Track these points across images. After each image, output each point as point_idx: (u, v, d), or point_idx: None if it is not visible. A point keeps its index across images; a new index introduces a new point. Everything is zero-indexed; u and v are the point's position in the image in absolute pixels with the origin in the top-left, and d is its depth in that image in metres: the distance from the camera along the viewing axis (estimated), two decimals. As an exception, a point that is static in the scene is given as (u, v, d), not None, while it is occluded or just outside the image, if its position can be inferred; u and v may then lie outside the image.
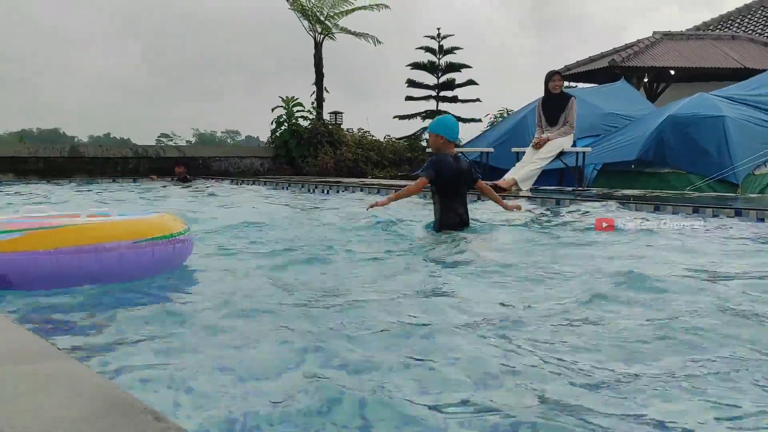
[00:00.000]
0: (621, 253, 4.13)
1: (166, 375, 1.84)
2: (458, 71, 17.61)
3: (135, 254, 2.94)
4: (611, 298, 2.87)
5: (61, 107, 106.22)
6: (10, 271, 2.73)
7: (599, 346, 2.20)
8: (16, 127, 50.96)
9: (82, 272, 2.81)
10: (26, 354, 1.54)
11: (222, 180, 12.51)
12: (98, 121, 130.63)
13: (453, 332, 2.32)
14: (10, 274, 2.74)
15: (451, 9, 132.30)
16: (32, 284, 2.77)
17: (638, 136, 9.96)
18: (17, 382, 1.32)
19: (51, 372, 1.40)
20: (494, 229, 5.18)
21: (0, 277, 2.74)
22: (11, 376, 1.36)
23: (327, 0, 15.35)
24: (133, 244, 2.93)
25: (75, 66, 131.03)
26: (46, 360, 1.49)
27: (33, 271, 2.74)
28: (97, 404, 1.19)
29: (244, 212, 6.77)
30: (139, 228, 3.01)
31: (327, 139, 14.65)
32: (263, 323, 2.46)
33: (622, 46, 17.98)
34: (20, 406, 1.19)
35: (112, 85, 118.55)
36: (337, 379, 1.84)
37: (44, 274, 2.76)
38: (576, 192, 8.27)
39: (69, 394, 1.25)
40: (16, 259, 2.72)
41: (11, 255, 2.72)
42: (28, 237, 2.74)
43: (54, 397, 1.24)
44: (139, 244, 2.94)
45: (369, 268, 3.66)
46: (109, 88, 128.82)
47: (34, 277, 2.76)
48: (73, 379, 1.35)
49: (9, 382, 1.32)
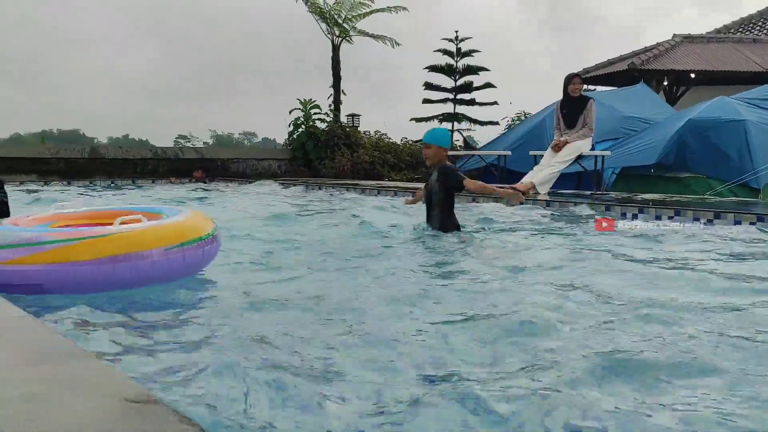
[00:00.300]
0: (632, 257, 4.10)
1: (190, 376, 1.85)
2: (476, 74, 17.55)
3: (167, 260, 2.99)
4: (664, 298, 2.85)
5: (81, 108, 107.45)
6: (46, 281, 2.80)
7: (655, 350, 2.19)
8: (37, 128, 51.59)
9: (115, 280, 2.87)
10: (52, 354, 1.56)
11: (241, 182, 12.57)
12: (117, 123, 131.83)
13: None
14: (46, 284, 2.80)
15: (469, 11, 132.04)
16: (67, 291, 2.82)
17: (658, 140, 9.88)
18: (43, 382, 1.33)
19: (77, 372, 1.41)
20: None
21: (36, 285, 2.80)
22: (37, 376, 1.38)
23: (345, 3, 15.40)
24: (165, 251, 2.98)
25: (94, 67, 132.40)
26: (72, 360, 1.50)
27: (68, 281, 2.81)
28: (123, 405, 1.20)
29: (268, 212, 6.81)
30: (170, 234, 3.05)
31: (344, 141, 14.68)
32: (287, 324, 2.48)
33: (641, 49, 17.85)
34: (46, 406, 1.20)
35: (130, 87, 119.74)
36: (364, 382, 1.84)
37: (79, 283, 2.82)
38: (594, 196, 8.22)
39: (95, 395, 1.26)
40: (53, 270, 2.78)
41: (48, 266, 2.78)
42: (64, 249, 2.79)
43: (80, 397, 1.25)
44: (170, 251, 2.99)
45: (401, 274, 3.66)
46: (128, 90, 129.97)
47: (69, 286, 2.82)
48: (99, 380, 1.37)
49: (35, 382, 1.33)
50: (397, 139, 16.21)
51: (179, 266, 3.06)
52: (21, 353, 1.57)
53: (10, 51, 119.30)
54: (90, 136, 51.40)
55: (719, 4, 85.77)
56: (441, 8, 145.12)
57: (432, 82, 17.80)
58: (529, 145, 10.60)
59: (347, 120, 16.03)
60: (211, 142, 52.11)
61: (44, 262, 2.77)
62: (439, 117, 18.01)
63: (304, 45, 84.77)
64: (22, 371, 1.43)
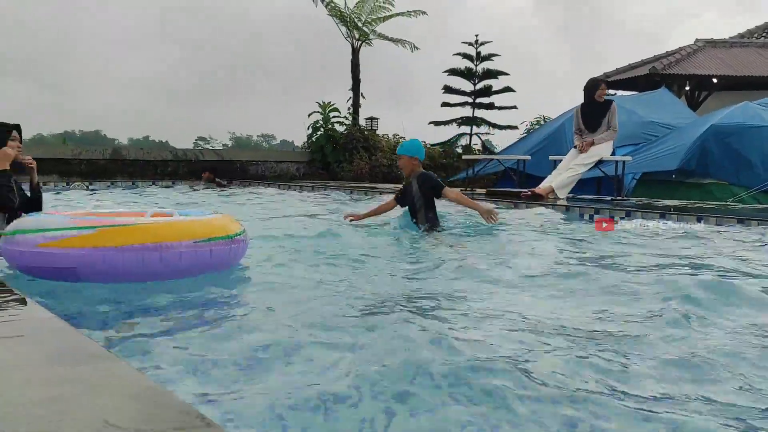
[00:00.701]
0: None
1: (215, 379, 1.86)
2: (495, 78, 17.51)
3: (194, 253, 3.08)
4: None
5: (102, 110, 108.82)
6: (79, 264, 2.90)
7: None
8: (59, 129, 52.21)
9: (145, 269, 2.97)
10: (76, 355, 1.57)
11: (261, 185, 12.63)
12: (137, 124, 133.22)
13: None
14: (79, 267, 2.90)
15: (488, 15, 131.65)
16: (98, 278, 2.93)
17: (680, 146, 9.78)
18: (68, 383, 1.34)
19: (101, 373, 1.42)
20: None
21: (70, 270, 2.90)
22: (62, 377, 1.39)
23: (365, 6, 15.45)
24: (193, 244, 3.07)
25: (116, 69, 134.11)
26: (97, 361, 1.51)
27: (100, 265, 2.90)
28: (147, 407, 1.21)
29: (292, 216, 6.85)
30: (199, 228, 3.15)
31: (362, 144, 14.71)
32: (313, 324, 2.49)
33: (663, 54, 17.71)
34: (72, 407, 1.21)
35: (151, 89, 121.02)
36: (385, 380, 1.84)
37: (110, 269, 2.92)
38: (615, 201, 8.15)
39: (119, 396, 1.27)
40: (86, 254, 2.88)
41: (82, 250, 2.88)
42: (98, 234, 2.89)
43: (105, 398, 1.25)
44: (198, 244, 3.09)
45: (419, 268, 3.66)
46: (149, 92, 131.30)
47: (101, 272, 2.92)
48: (122, 381, 1.37)
49: (60, 383, 1.34)
50: (415, 143, 16.18)
51: (206, 260, 3.15)
52: (46, 354, 1.58)
53: (33, 53, 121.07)
54: (111, 138, 51.98)
55: (742, 9, 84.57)
56: (459, 12, 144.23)
57: (451, 85, 17.78)
58: (548, 150, 10.54)
59: (366, 123, 16.07)
60: (230, 144, 52.47)
61: (78, 246, 2.87)
62: (458, 121, 17.99)
63: (323, 48, 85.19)
64: (47, 372, 1.44)
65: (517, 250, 4.56)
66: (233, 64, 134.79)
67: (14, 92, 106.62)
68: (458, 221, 5.70)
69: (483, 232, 5.31)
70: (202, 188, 11.60)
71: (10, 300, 2.19)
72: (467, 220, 5.66)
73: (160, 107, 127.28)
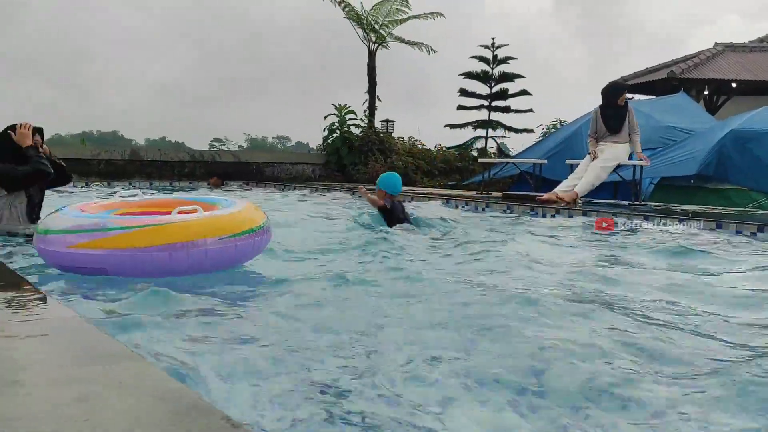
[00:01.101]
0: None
1: (237, 377, 1.88)
2: (511, 81, 17.48)
3: (219, 249, 3.17)
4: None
5: (120, 110, 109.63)
6: (108, 265, 3.03)
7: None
8: (78, 129, 52.66)
9: (171, 266, 3.08)
10: (102, 355, 1.58)
11: (277, 186, 12.67)
12: (154, 125, 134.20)
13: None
14: (109, 267, 3.03)
15: (506, 18, 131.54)
16: (127, 275, 3.05)
17: (698, 150, 9.69)
18: (95, 383, 1.36)
19: (127, 374, 1.43)
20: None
21: (100, 269, 3.04)
22: (88, 377, 1.40)
23: (382, 9, 15.47)
24: (218, 240, 3.16)
25: (133, 70, 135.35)
26: (123, 361, 1.52)
27: (129, 265, 3.02)
28: (175, 408, 1.22)
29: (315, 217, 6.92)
30: (223, 224, 3.23)
31: (378, 147, 14.72)
32: (333, 321, 2.51)
33: (681, 58, 17.57)
34: (100, 407, 1.22)
35: (167, 90, 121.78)
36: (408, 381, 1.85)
37: (138, 268, 3.04)
38: (632, 206, 8.10)
39: (146, 397, 1.28)
40: (115, 254, 3.00)
41: (111, 251, 3.00)
42: (126, 235, 3.01)
43: (132, 399, 1.27)
44: (223, 240, 3.17)
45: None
46: (165, 93, 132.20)
47: (129, 270, 3.04)
48: (148, 382, 1.38)
49: (87, 383, 1.36)
50: (430, 146, 16.20)
51: (230, 255, 3.25)
52: (71, 354, 1.60)
53: (52, 55, 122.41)
54: (128, 138, 52.30)
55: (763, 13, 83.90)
56: (476, 15, 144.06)
57: (467, 88, 17.76)
58: (564, 153, 10.48)
59: (381, 126, 16.08)
60: (245, 145, 52.64)
61: (107, 248, 2.99)
62: (474, 124, 17.96)
63: (339, 51, 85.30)
64: (73, 372, 1.45)
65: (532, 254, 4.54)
66: (249, 65, 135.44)
67: (34, 92, 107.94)
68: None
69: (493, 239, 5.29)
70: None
71: (33, 299, 2.22)
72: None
73: (177, 108, 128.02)
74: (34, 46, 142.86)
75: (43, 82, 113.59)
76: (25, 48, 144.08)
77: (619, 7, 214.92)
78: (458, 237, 5.31)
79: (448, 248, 4.80)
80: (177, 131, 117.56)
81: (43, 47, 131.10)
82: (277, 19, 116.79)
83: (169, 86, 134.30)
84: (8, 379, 1.39)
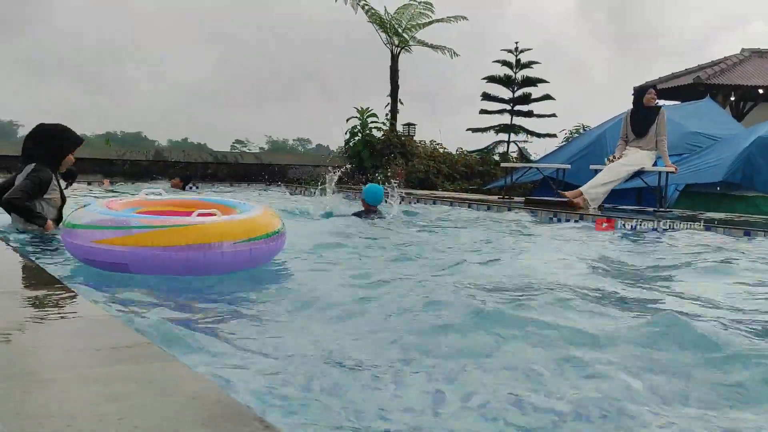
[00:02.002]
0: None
1: (266, 380, 1.88)
2: (534, 85, 17.40)
3: (235, 252, 3.28)
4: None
5: (143, 111, 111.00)
6: (130, 261, 3.16)
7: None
8: (102, 129, 53.42)
9: (188, 265, 3.20)
10: (132, 353, 1.59)
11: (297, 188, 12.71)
12: (176, 126, 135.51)
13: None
14: (130, 264, 3.17)
15: (528, 21, 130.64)
16: (147, 272, 3.18)
17: (725, 157, 9.57)
18: (126, 382, 1.36)
19: (158, 373, 1.44)
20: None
21: (122, 265, 3.18)
22: (119, 375, 1.41)
23: (405, 13, 15.47)
24: (234, 244, 3.27)
25: (155, 71, 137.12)
26: (154, 361, 1.53)
27: (150, 262, 3.16)
28: (207, 409, 1.22)
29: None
30: (240, 228, 3.34)
31: (399, 150, 14.72)
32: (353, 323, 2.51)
33: (707, 63, 17.38)
34: (134, 407, 1.23)
35: (189, 91, 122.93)
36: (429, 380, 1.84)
37: (158, 265, 3.17)
38: (657, 213, 8.00)
39: (182, 398, 1.28)
40: (137, 251, 3.14)
41: (133, 248, 3.13)
42: (148, 234, 3.14)
43: (164, 398, 1.27)
44: (238, 244, 3.29)
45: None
46: (187, 94, 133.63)
47: (150, 267, 3.17)
48: (182, 382, 1.39)
49: (118, 382, 1.37)
50: (452, 149, 16.18)
51: (245, 258, 3.36)
52: (103, 352, 1.61)
53: (77, 55, 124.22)
54: (151, 139, 52.79)
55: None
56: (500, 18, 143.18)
57: (490, 92, 17.71)
58: (588, 159, 10.39)
59: (403, 129, 16.08)
60: (266, 147, 52.89)
61: (131, 245, 3.12)
62: (496, 128, 17.90)
63: (361, 54, 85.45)
64: (106, 370, 1.46)
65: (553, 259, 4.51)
66: (271, 67, 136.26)
67: (61, 91, 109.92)
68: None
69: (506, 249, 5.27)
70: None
71: (65, 297, 2.24)
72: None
73: (199, 109, 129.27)
74: (62, 47, 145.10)
75: (70, 81, 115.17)
76: (52, 48, 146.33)
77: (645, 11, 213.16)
78: (479, 240, 5.29)
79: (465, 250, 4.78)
80: (199, 132, 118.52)
81: (70, 47, 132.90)
82: (299, 22, 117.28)
83: (191, 87, 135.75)
84: (43, 377, 1.40)
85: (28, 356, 1.57)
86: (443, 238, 5.56)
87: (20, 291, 2.38)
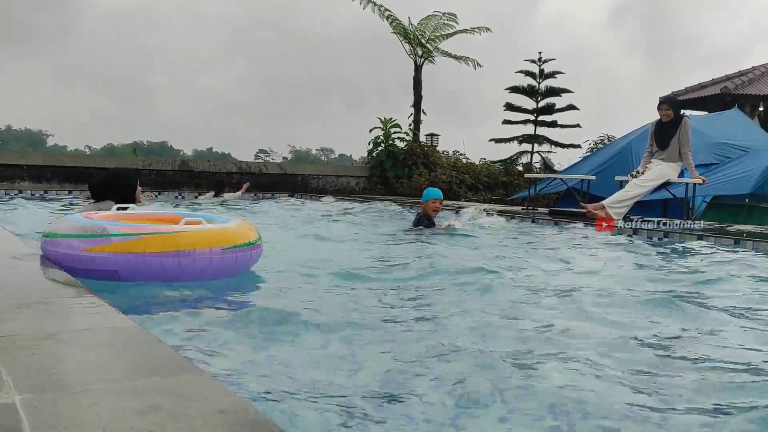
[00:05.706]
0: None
1: (292, 394, 1.88)
2: (558, 96, 17.31)
3: (222, 258, 3.41)
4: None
5: (169, 121, 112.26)
6: (121, 267, 3.22)
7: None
8: (129, 139, 54.11)
9: (179, 271, 3.29)
10: (163, 366, 1.59)
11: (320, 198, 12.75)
12: (201, 136, 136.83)
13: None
14: (121, 270, 3.23)
15: (554, 31, 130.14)
16: (137, 279, 3.24)
17: (753, 169, 9.43)
18: (159, 395, 1.37)
19: (190, 386, 1.44)
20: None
21: (113, 271, 3.23)
22: (152, 388, 1.42)
23: (429, 23, 15.52)
24: (222, 250, 3.40)
25: (182, 82, 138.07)
26: (184, 373, 1.54)
27: (140, 268, 3.22)
28: (238, 422, 1.22)
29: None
30: (226, 236, 3.48)
31: (422, 160, 14.73)
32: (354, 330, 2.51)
33: (735, 73, 17.14)
34: (169, 420, 1.23)
35: (215, 101, 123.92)
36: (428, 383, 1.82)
37: (149, 271, 3.24)
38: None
39: (210, 412, 1.29)
40: (128, 258, 3.21)
41: (124, 255, 3.21)
42: (138, 241, 3.22)
43: (198, 411, 1.28)
44: (226, 250, 3.42)
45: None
46: (212, 104, 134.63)
47: (141, 274, 3.24)
48: (209, 395, 1.39)
49: (151, 394, 1.38)
50: (475, 160, 16.14)
51: (231, 264, 3.48)
52: (133, 364, 1.63)
53: (105, 66, 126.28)
54: (177, 149, 53.52)
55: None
56: (525, 28, 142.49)
57: (513, 103, 17.65)
58: (613, 170, 10.30)
59: (426, 139, 16.09)
60: (290, 157, 53.30)
61: (122, 251, 3.19)
62: (519, 138, 17.82)
63: (385, 64, 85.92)
64: (136, 383, 1.47)
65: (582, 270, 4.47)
66: (295, 78, 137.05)
67: (89, 101, 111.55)
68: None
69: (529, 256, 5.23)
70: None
71: (94, 307, 2.27)
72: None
73: (223, 119, 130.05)
74: (91, 58, 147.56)
75: (98, 91, 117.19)
76: (82, 59, 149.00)
77: (676, 21, 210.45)
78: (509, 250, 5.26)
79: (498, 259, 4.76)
80: (223, 142, 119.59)
81: (99, 59, 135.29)
82: (325, 33, 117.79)
83: (216, 98, 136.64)
84: (75, 388, 1.42)
85: (58, 367, 1.59)
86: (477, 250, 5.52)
87: (51, 300, 2.41)
